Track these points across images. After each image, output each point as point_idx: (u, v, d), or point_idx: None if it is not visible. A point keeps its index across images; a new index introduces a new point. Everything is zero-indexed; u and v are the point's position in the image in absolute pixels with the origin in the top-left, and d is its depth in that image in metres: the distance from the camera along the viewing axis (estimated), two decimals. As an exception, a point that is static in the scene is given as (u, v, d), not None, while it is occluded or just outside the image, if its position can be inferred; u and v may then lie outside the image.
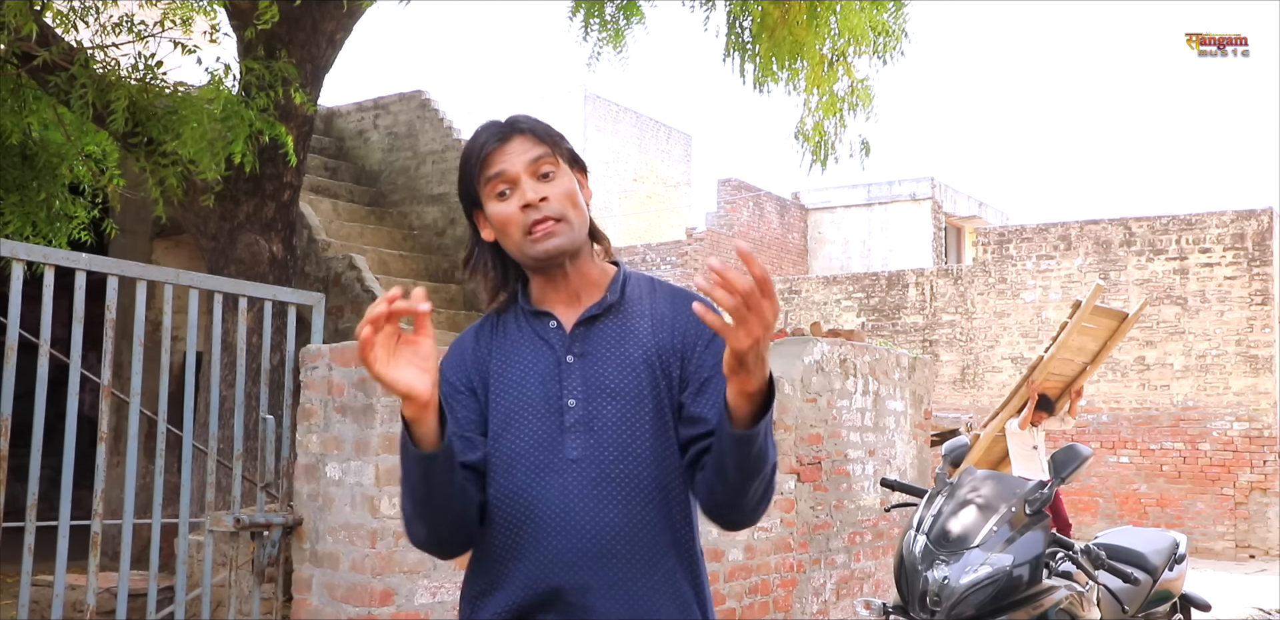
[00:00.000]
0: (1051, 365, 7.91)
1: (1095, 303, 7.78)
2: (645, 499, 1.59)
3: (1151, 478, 13.08)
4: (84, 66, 5.11)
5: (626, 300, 1.70)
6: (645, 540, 1.57)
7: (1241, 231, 12.83)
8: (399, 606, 3.50)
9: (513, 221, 1.64)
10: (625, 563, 1.56)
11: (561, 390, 1.62)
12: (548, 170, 1.65)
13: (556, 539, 1.57)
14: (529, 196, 1.62)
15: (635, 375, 1.62)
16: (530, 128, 1.68)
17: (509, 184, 1.64)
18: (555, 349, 1.65)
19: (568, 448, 1.60)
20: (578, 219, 1.66)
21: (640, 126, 23.95)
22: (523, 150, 1.65)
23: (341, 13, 5.86)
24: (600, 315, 1.67)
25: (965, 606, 3.06)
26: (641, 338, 1.65)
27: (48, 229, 6.30)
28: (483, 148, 1.66)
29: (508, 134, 1.67)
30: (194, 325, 3.81)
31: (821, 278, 15.87)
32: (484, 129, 1.70)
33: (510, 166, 1.64)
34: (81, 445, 3.63)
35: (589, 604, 1.55)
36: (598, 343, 1.65)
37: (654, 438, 1.61)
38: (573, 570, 1.56)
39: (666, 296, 1.71)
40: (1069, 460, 3.42)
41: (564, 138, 1.71)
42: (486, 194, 1.67)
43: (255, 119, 5.10)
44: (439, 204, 9.67)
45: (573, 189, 1.66)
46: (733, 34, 6.73)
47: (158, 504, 3.69)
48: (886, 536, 6.22)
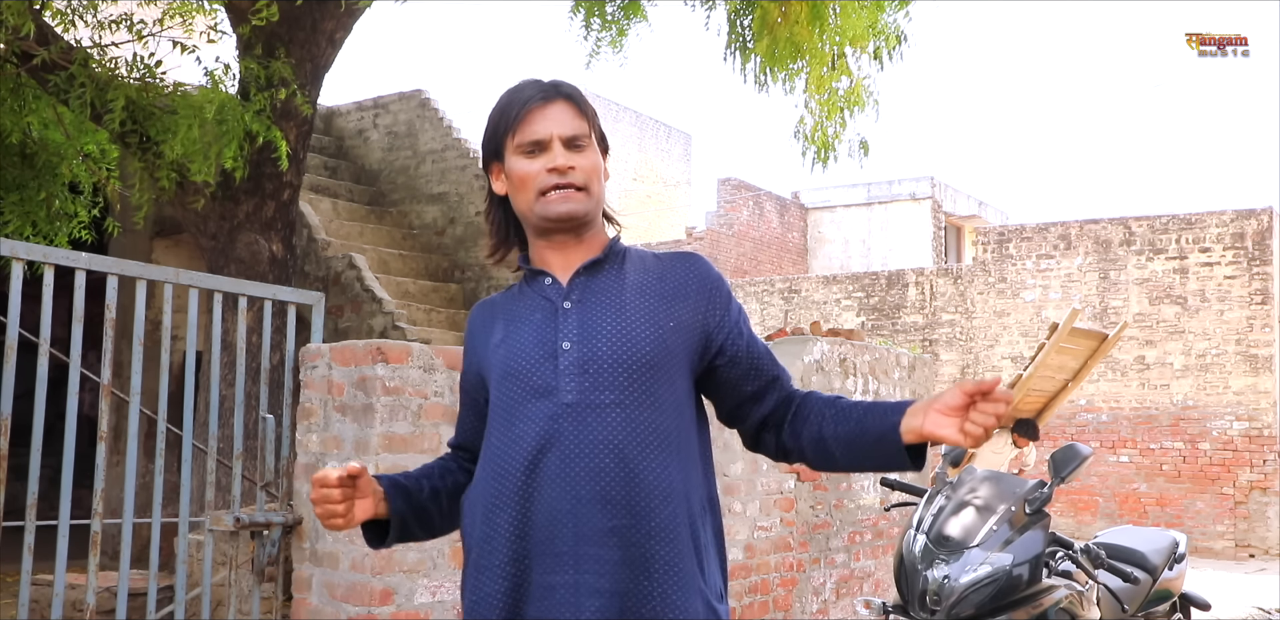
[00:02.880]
0: (1031, 383, 7.97)
1: (1073, 325, 7.85)
2: (642, 442, 1.56)
3: (1151, 477, 13.08)
4: (83, 65, 5.10)
5: (627, 257, 1.71)
6: (642, 485, 1.55)
7: (1241, 231, 12.83)
8: (399, 606, 3.49)
9: (532, 179, 1.64)
10: (620, 509, 1.54)
11: (557, 334, 1.62)
12: (582, 144, 1.66)
13: (552, 488, 1.55)
14: (559, 161, 1.63)
15: (634, 320, 1.61)
16: (573, 95, 1.68)
17: (540, 145, 1.64)
18: (552, 300, 1.66)
19: (562, 391, 1.58)
20: (599, 193, 1.67)
21: (640, 125, 23.94)
22: (564, 118, 1.65)
23: (341, 12, 5.85)
24: (601, 262, 1.68)
25: (965, 606, 3.06)
26: (643, 287, 1.66)
27: (47, 228, 6.29)
28: (526, 103, 1.65)
29: (552, 96, 1.67)
30: (194, 324, 3.81)
31: (821, 277, 15.86)
32: (528, 85, 1.69)
33: (546, 130, 1.64)
34: (81, 445, 3.63)
35: (584, 551, 1.53)
36: (596, 291, 1.65)
37: (653, 380, 1.59)
38: (568, 518, 1.54)
39: (666, 258, 1.74)
40: (1068, 460, 3.41)
41: (597, 115, 1.72)
42: (514, 148, 1.66)
43: (251, 121, 5.09)
44: (439, 203, 9.67)
45: (599, 165, 1.68)
46: (733, 33, 6.73)
47: (157, 503, 3.69)
48: (886, 536, 6.22)
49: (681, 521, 1.57)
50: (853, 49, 6.47)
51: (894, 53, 6.51)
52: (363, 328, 7.50)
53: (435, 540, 3.60)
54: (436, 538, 1.77)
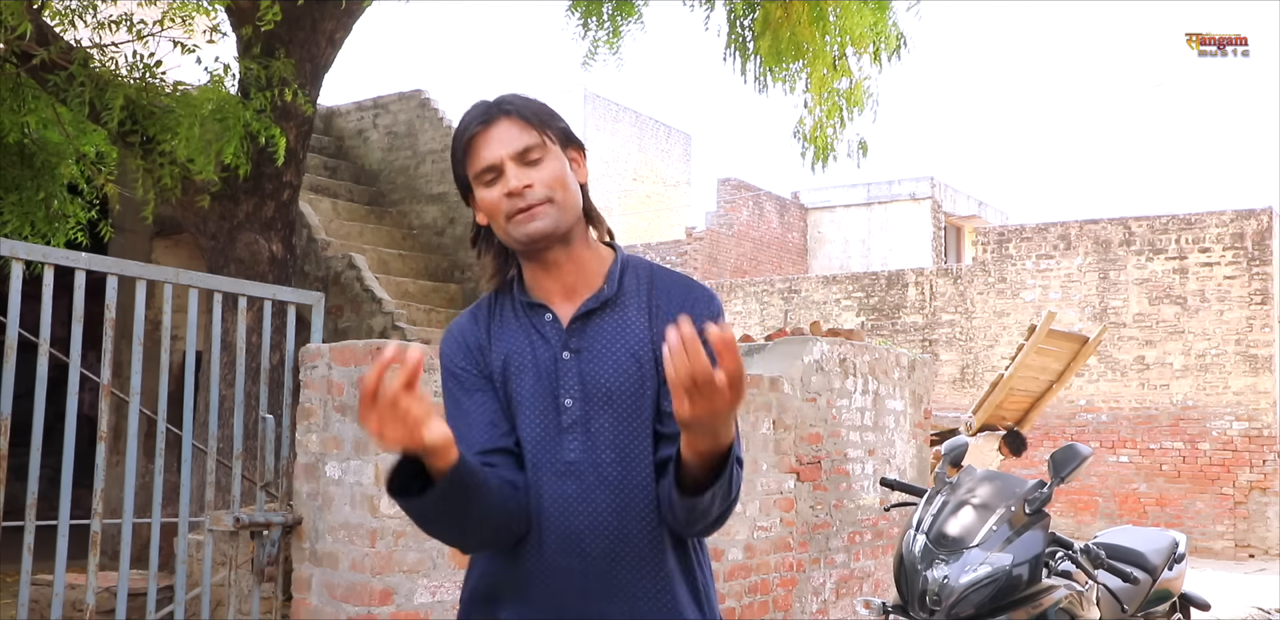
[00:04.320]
0: (1013, 382, 8.05)
1: (1050, 327, 7.97)
2: (642, 504, 1.58)
3: (1151, 477, 13.08)
4: (83, 65, 5.10)
5: (624, 292, 1.65)
6: (642, 545, 1.57)
7: (1241, 231, 12.84)
8: (399, 606, 3.50)
9: (496, 207, 1.60)
10: (623, 568, 1.56)
11: (558, 388, 1.60)
12: (535, 156, 1.60)
13: (554, 542, 1.57)
14: (512, 184, 1.58)
15: (630, 374, 1.60)
16: (517, 109, 1.62)
17: (494, 169, 1.60)
18: (552, 344, 1.62)
19: (565, 449, 1.59)
20: (567, 200, 1.61)
21: (640, 126, 23.94)
22: (509, 137, 1.60)
23: (341, 12, 5.85)
24: (597, 310, 1.63)
25: (965, 606, 3.06)
26: (637, 332, 1.62)
27: (46, 229, 6.28)
28: (465, 133, 1.62)
29: (493, 117, 1.62)
30: (193, 324, 3.81)
31: (821, 277, 15.86)
32: (470, 112, 1.64)
33: (493, 154, 1.60)
34: (81, 444, 3.63)
35: (588, 609, 1.56)
36: (594, 338, 1.61)
37: (651, 440, 1.60)
38: (571, 576, 1.57)
39: (664, 286, 1.66)
40: (1068, 460, 3.41)
41: (555, 116, 1.65)
42: (474, 179, 1.63)
43: (251, 119, 5.09)
44: (439, 203, 9.67)
45: (561, 172, 1.61)
46: (734, 33, 6.73)
47: (157, 503, 3.69)
48: (886, 536, 6.22)
49: (681, 579, 1.60)
50: (854, 49, 6.47)
51: (895, 53, 6.52)
52: (362, 328, 7.50)
53: (435, 541, 3.60)
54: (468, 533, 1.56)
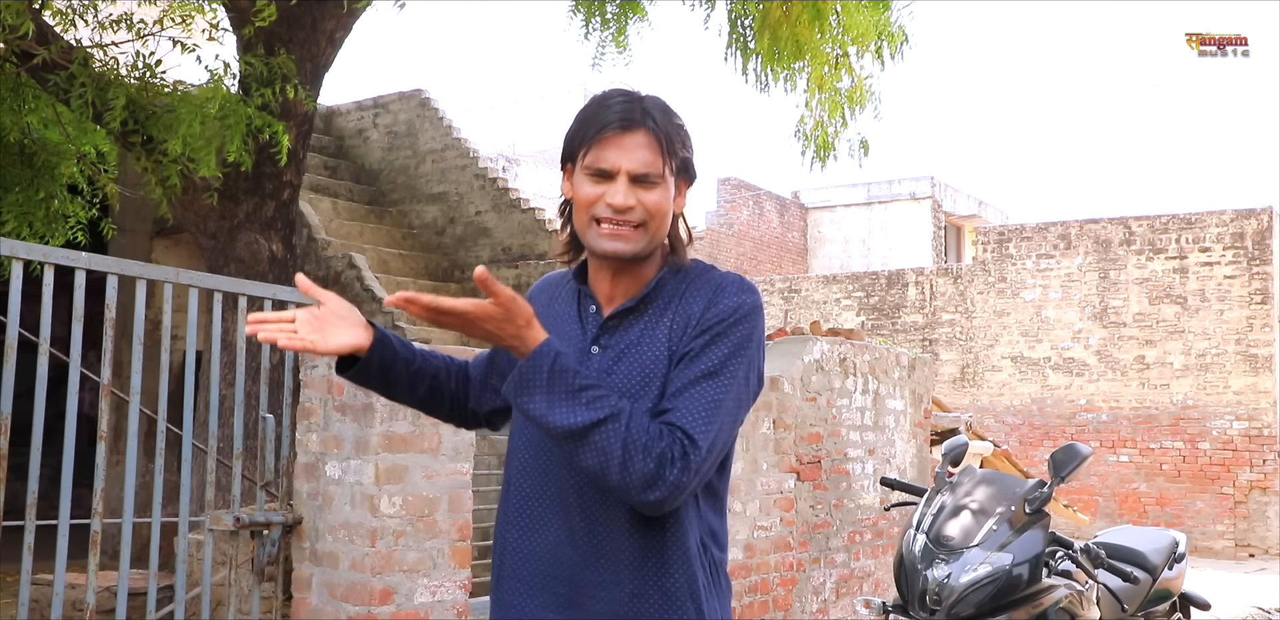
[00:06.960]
0: None
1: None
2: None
3: (1151, 477, 13.09)
4: (83, 65, 5.10)
5: (660, 296, 1.66)
6: (636, 538, 1.58)
7: (1241, 230, 12.84)
8: (399, 605, 3.50)
9: (590, 205, 1.61)
10: (615, 561, 1.58)
11: None
12: (651, 182, 1.61)
13: (553, 531, 1.62)
14: (618, 200, 1.59)
15: (647, 378, 1.62)
16: (658, 128, 1.61)
17: (607, 176, 1.60)
18: (586, 336, 1.67)
19: None
20: (658, 229, 1.63)
21: (640, 125, 23.89)
22: (638, 154, 1.60)
23: (341, 12, 5.86)
24: (632, 310, 1.66)
25: (965, 605, 3.06)
26: (660, 339, 1.64)
27: (45, 229, 6.28)
28: (604, 127, 1.60)
29: (634, 124, 1.61)
30: (194, 324, 3.81)
31: (821, 277, 15.87)
32: (614, 100, 1.63)
33: (615, 162, 1.59)
34: (81, 444, 3.63)
35: (581, 602, 1.59)
36: (622, 339, 1.65)
37: None
38: (566, 567, 1.60)
39: (695, 289, 1.66)
40: (1068, 459, 3.41)
41: (684, 144, 1.66)
42: (583, 165, 1.62)
43: (253, 115, 5.09)
44: (439, 203, 9.67)
45: (664, 202, 1.62)
46: (734, 32, 6.72)
47: (157, 503, 3.68)
48: (886, 535, 6.22)
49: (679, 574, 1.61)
50: (856, 48, 6.47)
51: (896, 52, 6.52)
52: (363, 327, 7.49)
53: (435, 541, 3.61)
54: (398, 397, 1.79)
